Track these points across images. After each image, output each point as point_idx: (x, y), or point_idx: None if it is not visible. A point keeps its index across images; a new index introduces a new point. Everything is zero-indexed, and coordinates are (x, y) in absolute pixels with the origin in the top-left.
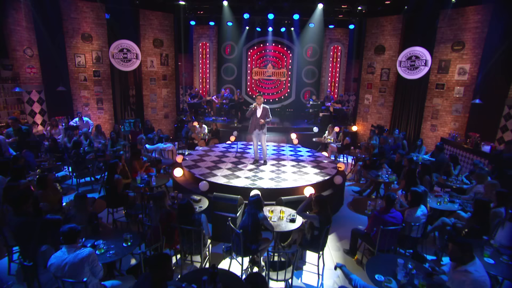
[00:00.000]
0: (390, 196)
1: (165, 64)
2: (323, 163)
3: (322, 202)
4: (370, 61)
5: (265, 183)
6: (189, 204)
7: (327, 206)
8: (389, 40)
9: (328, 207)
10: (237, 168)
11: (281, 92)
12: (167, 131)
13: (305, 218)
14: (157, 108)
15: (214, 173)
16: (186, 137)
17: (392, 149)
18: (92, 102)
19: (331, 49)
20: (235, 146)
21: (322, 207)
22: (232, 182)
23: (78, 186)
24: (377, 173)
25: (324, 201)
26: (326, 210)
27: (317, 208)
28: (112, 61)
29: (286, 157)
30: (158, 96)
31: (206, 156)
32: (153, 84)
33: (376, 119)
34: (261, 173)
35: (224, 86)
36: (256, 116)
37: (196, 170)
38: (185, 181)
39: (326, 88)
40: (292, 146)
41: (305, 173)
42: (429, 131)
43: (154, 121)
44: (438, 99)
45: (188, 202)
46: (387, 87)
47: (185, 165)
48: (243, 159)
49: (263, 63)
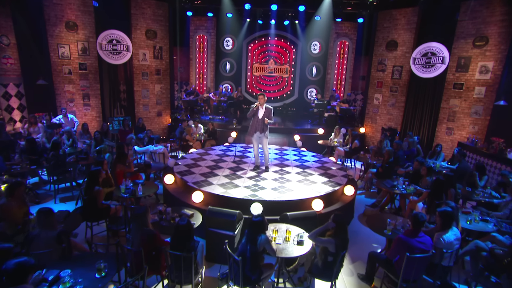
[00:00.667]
0: (418, 216)
1: (158, 58)
2: (332, 170)
3: (340, 223)
4: (381, 58)
5: (267, 194)
6: (190, 227)
7: (346, 228)
8: (402, 35)
9: (346, 229)
10: (236, 176)
11: (283, 90)
12: (160, 130)
13: (318, 243)
14: (149, 105)
15: (210, 181)
16: (180, 137)
17: (406, 155)
18: (78, 98)
19: (338, 45)
20: (233, 149)
21: (339, 229)
22: (230, 193)
23: (57, 193)
24: (393, 183)
25: (343, 223)
26: (343, 233)
27: (333, 230)
28: (100, 53)
29: (290, 163)
30: (150, 92)
31: (201, 161)
32: (145, 79)
33: (386, 120)
34: (263, 182)
35: (222, 82)
36: (257, 117)
37: (189, 177)
38: (177, 189)
39: (332, 86)
40: (296, 149)
41: (312, 182)
42: (445, 135)
43: (146, 119)
44: (456, 99)
45: (188, 224)
46: (399, 86)
47: (177, 171)
48: (242, 165)
49: (264, 59)
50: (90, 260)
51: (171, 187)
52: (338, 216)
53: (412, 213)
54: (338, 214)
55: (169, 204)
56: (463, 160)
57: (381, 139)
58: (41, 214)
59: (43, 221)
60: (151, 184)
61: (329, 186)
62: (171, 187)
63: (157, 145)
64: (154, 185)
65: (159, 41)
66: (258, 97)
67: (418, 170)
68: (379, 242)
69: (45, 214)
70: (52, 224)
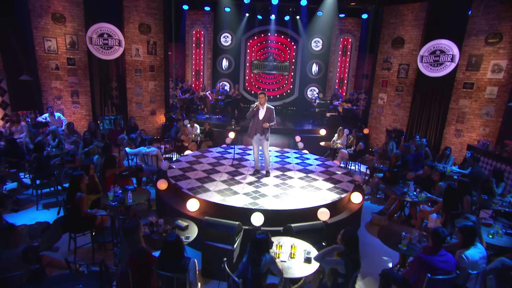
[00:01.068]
0: (439, 232)
1: (152, 53)
2: (337, 175)
3: (351, 240)
4: (387, 56)
5: (269, 202)
6: (178, 243)
7: (357, 246)
8: (409, 31)
9: (358, 247)
10: (234, 181)
11: (283, 88)
12: (154, 129)
13: (325, 264)
14: (142, 104)
15: (206, 187)
16: (175, 138)
17: (414, 159)
18: (66, 95)
19: (341, 41)
20: (231, 151)
21: (350, 247)
22: (228, 201)
23: (39, 198)
24: (403, 190)
25: (354, 239)
26: (354, 251)
27: (343, 248)
28: (90, 48)
29: (292, 167)
30: (144, 90)
31: (197, 164)
32: (138, 76)
33: (391, 121)
34: (263, 188)
35: (219, 80)
36: (257, 118)
37: (184, 182)
38: (170, 196)
39: (334, 85)
40: (297, 152)
41: (316, 189)
42: (453, 137)
43: (139, 118)
44: (466, 100)
45: (177, 240)
46: (405, 86)
47: (171, 176)
48: (241, 168)
49: (264, 56)
50: (68, 284)
51: (164, 193)
52: (349, 232)
53: (425, 224)
54: (348, 230)
55: (162, 212)
56: (476, 165)
57: (386, 141)
58: (1, 232)
59: (4, 239)
60: (142, 191)
61: (335, 193)
62: (164, 193)
63: (150, 146)
64: (146, 191)
65: (153, 36)
66: (258, 96)
67: (429, 176)
68: (389, 254)
69: (5, 231)
70: (15, 242)
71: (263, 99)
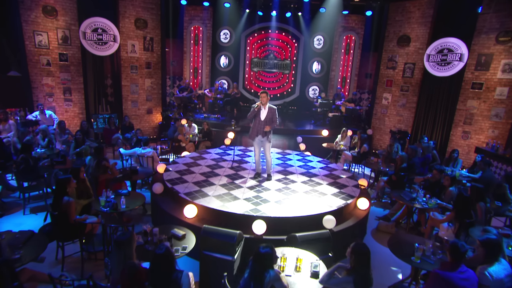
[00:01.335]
0: (458, 246)
1: (149, 50)
2: (341, 179)
3: (362, 255)
4: (391, 54)
5: (271, 209)
6: (168, 256)
7: (369, 260)
8: (416, 29)
9: (369, 262)
10: (234, 185)
11: (284, 87)
12: (150, 129)
13: (333, 286)
14: (138, 102)
15: (205, 192)
16: (172, 138)
17: (421, 162)
18: (58, 92)
19: (344, 39)
20: (230, 152)
21: (360, 262)
22: (228, 207)
23: (27, 202)
24: (411, 196)
25: (366, 254)
26: (365, 267)
27: (352, 263)
28: (84, 43)
29: (294, 169)
30: (140, 88)
31: (195, 166)
32: (134, 73)
33: (396, 122)
34: (265, 193)
35: (218, 78)
36: (259, 119)
37: (181, 186)
38: (167, 201)
39: (336, 84)
40: (300, 153)
41: (321, 194)
42: (460, 139)
43: (135, 117)
44: (474, 101)
45: (167, 252)
46: (411, 85)
47: (168, 179)
48: (241, 171)
49: (264, 53)
50: None
51: (160, 198)
52: (360, 246)
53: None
54: (359, 244)
55: (157, 218)
56: (487, 169)
57: (390, 143)
58: None
59: None
60: (136, 195)
61: (340, 199)
62: (160, 198)
63: (145, 147)
64: (140, 196)
65: (149, 32)
66: (260, 95)
67: (438, 180)
68: (399, 265)
69: None
70: None
71: (265, 98)
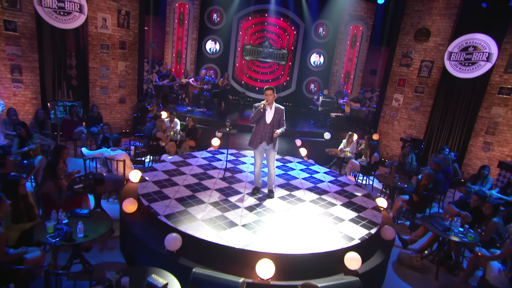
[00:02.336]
0: None
1: (124, 27)
2: (356, 197)
3: None
4: (407, 50)
5: (278, 241)
6: None
7: None
8: (437, 22)
9: None
10: (228, 203)
11: (279, 80)
12: (122, 121)
13: None
14: (109, 89)
15: (192, 213)
16: (149, 136)
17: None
18: (3, 71)
19: (350, 30)
20: (221, 157)
21: None
22: (223, 237)
23: None
24: (445, 224)
25: None
26: None
27: None
28: (39, 11)
29: (299, 183)
30: (111, 71)
31: (178, 175)
32: (105, 53)
33: (406, 127)
34: (268, 216)
35: (204, 65)
36: (264, 122)
37: (161, 204)
38: (142, 225)
39: (339, 80)
40: (302, 161)
41: (337, 219)
42: (480, 151)
43: (104, 106)
44: (500, 108)
45: None
46: (427, 86)
47: (143, 193)
48: (235, 184)
49: (258, 40)
50: None
51: (132, 219)
52: None
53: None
54: None
55: (128, 247)
56: None
57: (404, 153)
58: None
59: None
60: (101, 217)
61: (361, 227)
62: (132, 219)
63: (115, 148)
64: (106, 218)
65: (125, 4)
66: (265, 92)
67: (477, 208)
68: None
69: None
70: None
71: (271, 96)
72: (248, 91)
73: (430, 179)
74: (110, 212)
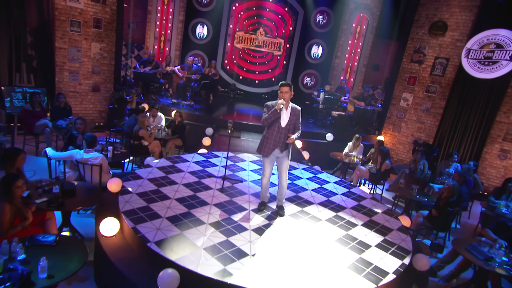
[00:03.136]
0: None
1: (100, 1)
2: (377, 215)
3: None
4: (420, 44)
5: (300, 278)
6: None
7: None
8: (456, 14)
9: None
10: (232, 224)
11: (273, 72)
12: (96, 113)
13: None
14: (80, 74)
15: (190, 239)
16: (129, 134)
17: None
18: None
19: (355, 19)
20: (215, 161)
21: None
22: (232, 271)
23: None
24: (486, 252)
25: None
26: None
27: None
28: None
29: (309, 196)
30: (83, 54)
31: (168, 185)
32: (75, 32)
33: (415, 130)
34: (281, 241)
35: (191, 52)
36: (279, 126)
37: (149, 226)
38: (126, 254)
39: (339, 74)
40: (308, 168)
41: (361, 245)
42: (495, 159)
43: (74, 95)
44: None
45: None
46: (440, 86)
47: (126, 210)
48: (236, 197)
49: (252, 26)
50: None
51: (113, 245)
52: None
53: None
54: None
55: (107, 279)
56: None
57: (415, 159)
58: None
59: None
60: (72, 245)
61: (391, 255)
62: (113, 245)
63: (89, 150)
64: (78, 247)
65: None
66: (280, 89)
67: None
68: None
69: None
70: None
71: (288, 94)
72: (238, 83)
73: (453, 192)
74: (82, 228)
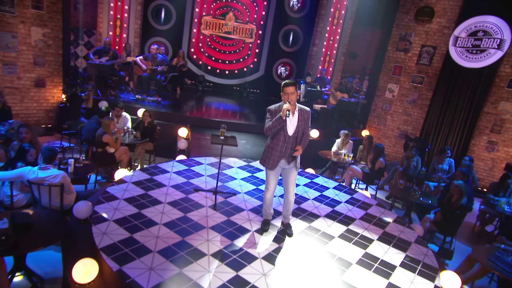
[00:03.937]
0: None
1: None
2: (390, 226)
3: None
4: (406, 32)
5: None
6: None
7: None
8: (443, 0)
9: None
10: (238, 253)
11: (245, 61)
12: (42, 113)
13: None
14: (18, 66)
15: (192, 278)
16: (90, 140)
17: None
18: None
19: (333, 4)
20: (199, 171)
21: None
22: None
23: None
24: (509, 260)
25: None
26: None
27: None
28: None
29: (312, 207)
30: (21, 41)
31: (150, 206)
32: (8, 13)
33: (401, 123)
34: (297, 270)
35: (152, 39)
36: (285, 133)
37: (137, 267)
38: None
39: (318, 63)
40: (301, 171)
41: (386, 266)
42: (483, 151)
43: (11, 91)
44: (509, 103)
45: None
46: (427, 76)
47: (105, 246)
48: (234, 216)
49: (220, 10)
50: None
51: None
52: None
53: None
54: None
55: None
56: None
57: (408, 155)
58: None
59: None
60: None
61: (419, 276)
62: None
63: (47, 166)
64: None
65: None
66: (283, 89)
67: None
68: None
69: None
70: None
71: (294, 95)
72: (207, 74)
73: (462, 193)
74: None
